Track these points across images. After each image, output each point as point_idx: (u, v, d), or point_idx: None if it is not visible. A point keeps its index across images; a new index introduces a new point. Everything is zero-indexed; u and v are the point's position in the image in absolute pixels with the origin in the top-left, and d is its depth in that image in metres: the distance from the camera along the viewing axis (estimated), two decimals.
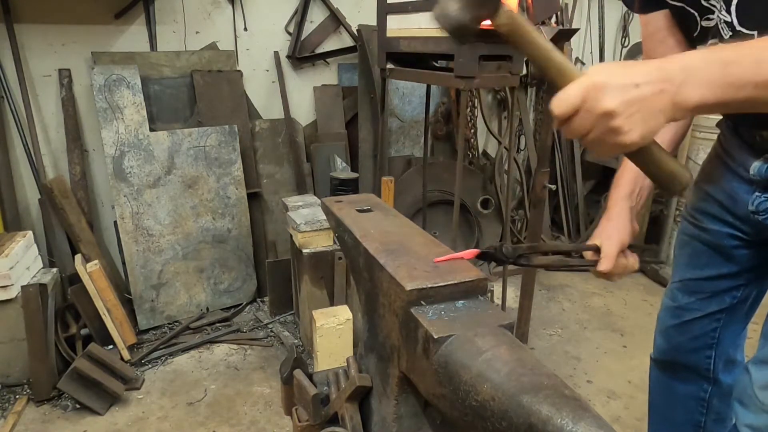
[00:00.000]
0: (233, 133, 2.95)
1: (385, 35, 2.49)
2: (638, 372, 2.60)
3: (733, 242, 1.27)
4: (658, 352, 1.53)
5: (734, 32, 1.00)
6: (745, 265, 1.29)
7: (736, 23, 0.99)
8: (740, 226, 1.23)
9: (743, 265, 1.29)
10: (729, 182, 1.22)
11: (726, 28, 1.01)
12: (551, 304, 3.32)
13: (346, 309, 2.36)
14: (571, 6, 3.96)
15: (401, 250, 0.97)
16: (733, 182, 1.20)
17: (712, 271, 1.33)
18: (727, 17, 1.00)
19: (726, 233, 1.27)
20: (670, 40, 1.19)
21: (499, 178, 3.67)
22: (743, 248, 1.27)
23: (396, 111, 3.50)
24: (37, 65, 2.70)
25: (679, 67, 0.78)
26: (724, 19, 1.00)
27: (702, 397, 1.48)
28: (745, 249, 1.27)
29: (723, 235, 1.28)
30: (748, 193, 1.17)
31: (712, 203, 1.28)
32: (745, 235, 1.24)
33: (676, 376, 1.51)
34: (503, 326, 0.81)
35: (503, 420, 0.67)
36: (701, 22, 1.08)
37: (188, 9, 2.95)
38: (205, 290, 3.00)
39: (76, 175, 2.78)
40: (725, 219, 1.26)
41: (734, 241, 1.27)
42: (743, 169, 1.16)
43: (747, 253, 1.27)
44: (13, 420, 2.16)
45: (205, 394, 2.39)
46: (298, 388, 1.17)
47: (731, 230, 1.26)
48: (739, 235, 1.25)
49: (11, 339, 2.31)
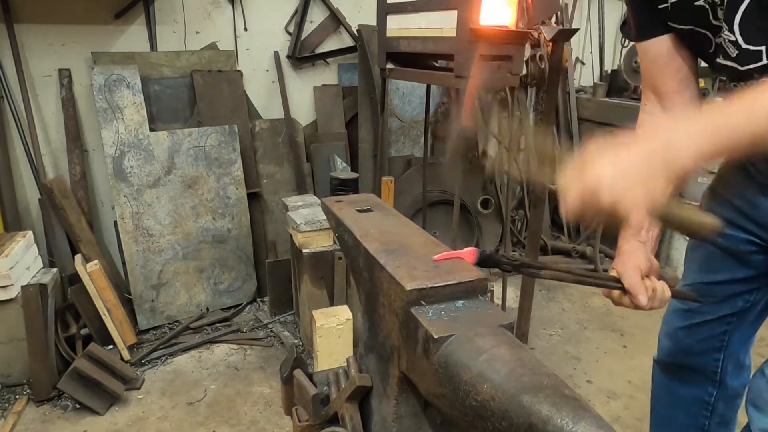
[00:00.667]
0: (233, 133, 2.95)
1: (385, 35, 2.49)
2: (638, 372, 2.60)
3: (750, 248, 1.26)
4: (664, 354, 1.52)
5: (740, 50, 0.99)
6: (761, 270, 1.28)
7: (742, 41, 0.98)
8: (758, 232, 1.23)
9: (759, 270, 1.28)
10: (748, 189, 1.21)
11: (732, 46, 1.00)
12: (551, 304, 3.32)
13: (346, 309, 2.36)
14: (571, 6, 3.96)
15: (401, 250, 0.97)
16: (753, 189, 1.20)
17: (725, 276, 1.32)
18: (731, 36, 0.99)
19: (743, 239, 1.26)
20: (673, 65, 1.18)
21: (499, 178, 3.67)
22: (759, 254, 1.26)
23: (396, 111, 3.50)
24: (37, 65, 2.70)
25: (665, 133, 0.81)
26: (729, 39, 1.00)
27: (707, 400, 1.47)
28: (761, 255, 1.26)
29: (739, 241, 1.26)
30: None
31: (729, 209, 1.27)
32: (762, 241, 1.23)
33: (680, 379, 1.50)
34: (503, 326, 0.81)
35: (503, 420, 0.67)
36: (716, 40, 1.07)
37: (188, 9, 2.95)
38: (205, 290, 3.00)
39: (76, 175, 2.78)
40: (742, 225, 1.25)
41: (751, 247, 1.26)
42: (764, 178, 1.16)
43: (763, 259, 1.26)
44: (13, 420, 2.16)
45: (205, 394, 2.39)
46: (299, 387, 1.17)
47: (748, 236, 1.25)
48: (756, 241, 1.24)
49: (11, 339, 2.31)
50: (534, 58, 3.72)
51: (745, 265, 1.29)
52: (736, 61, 1.02)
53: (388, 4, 2.44)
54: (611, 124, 3.75)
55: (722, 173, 1.32)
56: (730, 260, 1.30)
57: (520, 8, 2.30)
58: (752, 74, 1.01)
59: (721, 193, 1.30)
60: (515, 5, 2.20)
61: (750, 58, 0.99)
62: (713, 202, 1.32)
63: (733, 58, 1.02)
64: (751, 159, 1.21)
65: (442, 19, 2.12)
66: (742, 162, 1.24)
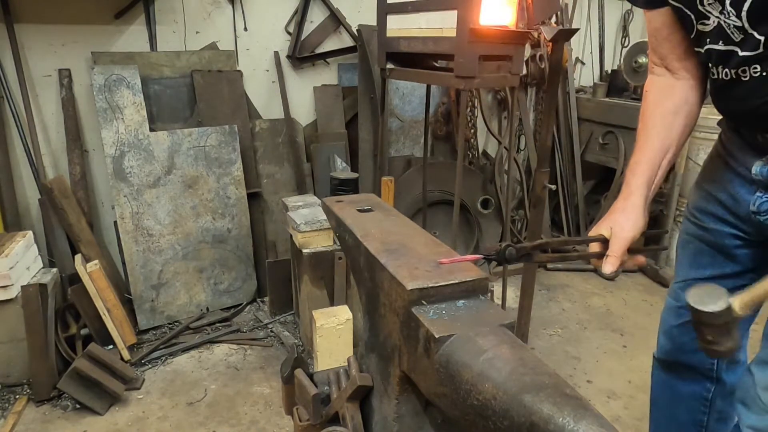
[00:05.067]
0: (233, 133, 2.95)
1: (385, 35, 2.49)
2: (638, 372, 2.60)
3: (735, 242, 1.27)
4: (662, 352, 1.53)
5: (746, 35, 1.00)
6: (748, 265, 1.28)
7: (748, 26, 0.99)
8: (742, 226, 1.23)
9: (746, 265, 1.28)
10: (730, 182, 1.22)
11: (737, 31, 1.01)
12: (551, 304, 3.32)
13: (346, 309, 2.36)
14: (571, 6, 3.96)
15: (402, 250, 0.97)
16: (735, 182, 1.20)
17: (714, 271, 1.33)
18: (737, 21, 1.00)
19: (727, 233, 1.27)
20: (674, 37, 1.19)
21: (499, 178, 3.67)
22: (745, 248, 1.26)
23: (396, 111, 3.50)
24: (37, 65, 2.70)
25: None
26: (734, 24, 1.00)
27: (705, 396, 1.48)
28: (747, 249, 1.26)
29: (725, 235, 1.27)
30: (750, 194, 1.17)
31: (714, 203, 1.28)
32: (746, 235, 1.24)
33: (679, 376, 1.51)
34: (504, 326, 0.81)
35: (504, 419, 0.67)
36: (697, 26, 1.09)
37: (188, 9, 2.95)
38: (205, 290, 3.00)
39: (76, 175, 2.78)
40: (727, 219, 1.26)
41: (736, 241, 1.26)
42: (745, 169, 1.16)
43: (749, 253, 1.27)
44: (13, 420, 2.16)
45: (205, 394, 2.39)
46: (299, 387, 1.18)
47: (733, 230, 1.25)
48: (740, 235, 1.25)
49: (11, 339, 2.31)
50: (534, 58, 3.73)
51: (732, 260, 1.29)
52: (738, 46, 1.02)
53: (388, 4, 2.44)
54: (611, 124, 3.75)
55: (706, 168, 1.33)
56: (718, 255, 1.31)
57: (520, 8, 2.30)
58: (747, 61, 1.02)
59: (705, 188, 1.31)
60: (515, 5, 2.20)
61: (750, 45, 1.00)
62: (699, 198, 1.33)
63: (736, 42, 1.02)
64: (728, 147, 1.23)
65: (442, 19, 2.12)
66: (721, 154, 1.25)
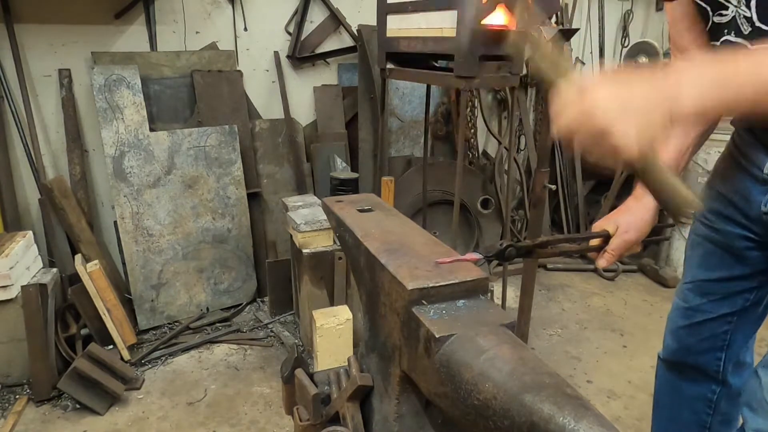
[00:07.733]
0: (233, 133, 2.95)
1: (385, 35, 2.49)
2: (638, 372, 2.60)
3: (745, 243, 1.24)
4: (668, 353, 1.52)
5: (753, 28, 0.99)
6: (758, 267, 1.26)
7: (756, 19, 0.98)
8: (752, 227, 1.20)
9: (756, 267, 1.26)
10: (742, 182, 1.19)
11: (746, 23, 1.00)
12: (551, 304, 3.32)
13: (346, 309, 2.36)
14: (571, 6, 3.96)
15: (402, 250, 0.97)
16: (746, 182, 1.17)
17: (723, 273, 1.31)
18: (746, 12, 0.99)
19: (738, 234, 1.24)
20: (697, 27, 1.16)
21: (499, 178, 3.67)
22: (755, 250, 1.24)
23: (396, 111, 3.50)
24: (37, 65, 2.70)
25: (673, 73, 0.80)
26: (744, 14, 0.99)
27: (710, 398, 1.47)
28: (757, 251, 1.24)
29: (735, 236, 1.25)
30: (762, 194, 1.14)
31: (725, 203, 1.25)
32: (757, 236, 1.21)
33: (684, 377, 1.50)
34: (504, 325, 0.81)
35: (505, 419, 0.67)
36: (713, 17, 1.07)
37: (188, 9, 2.95)
38: (205, 290, 3.00)
39: (76, 175, 2.78)
40: (737, 220, 1.23)
41: (746, 243, 1.24)
42: (757, 169, 1.13)
43: (759, 255, 1.24)
44: (13, 420, 2.16)
45: (205, 394, 2.39)
46: (299, 387, 1.17)
47: (743, 231, 1.23)
48: (750, 236, 1.22)
49: (11, 339, 2.31)
50: None
51: (742, 262, 1.27)
52: (747, 39, 1.01)
53: (388, 4, 2.44)
54: None
55: (717, 168, 1.32)
56: (728, 257, 1.29)
57: (520, 8, 2.30)
58: None
59: (716, 188, 1.29)
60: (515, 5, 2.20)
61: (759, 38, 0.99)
62: (710, 198, 1.32)
63: (745, 35, 1.01)
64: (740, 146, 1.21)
65: (442, 19, 2.12)
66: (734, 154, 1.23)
